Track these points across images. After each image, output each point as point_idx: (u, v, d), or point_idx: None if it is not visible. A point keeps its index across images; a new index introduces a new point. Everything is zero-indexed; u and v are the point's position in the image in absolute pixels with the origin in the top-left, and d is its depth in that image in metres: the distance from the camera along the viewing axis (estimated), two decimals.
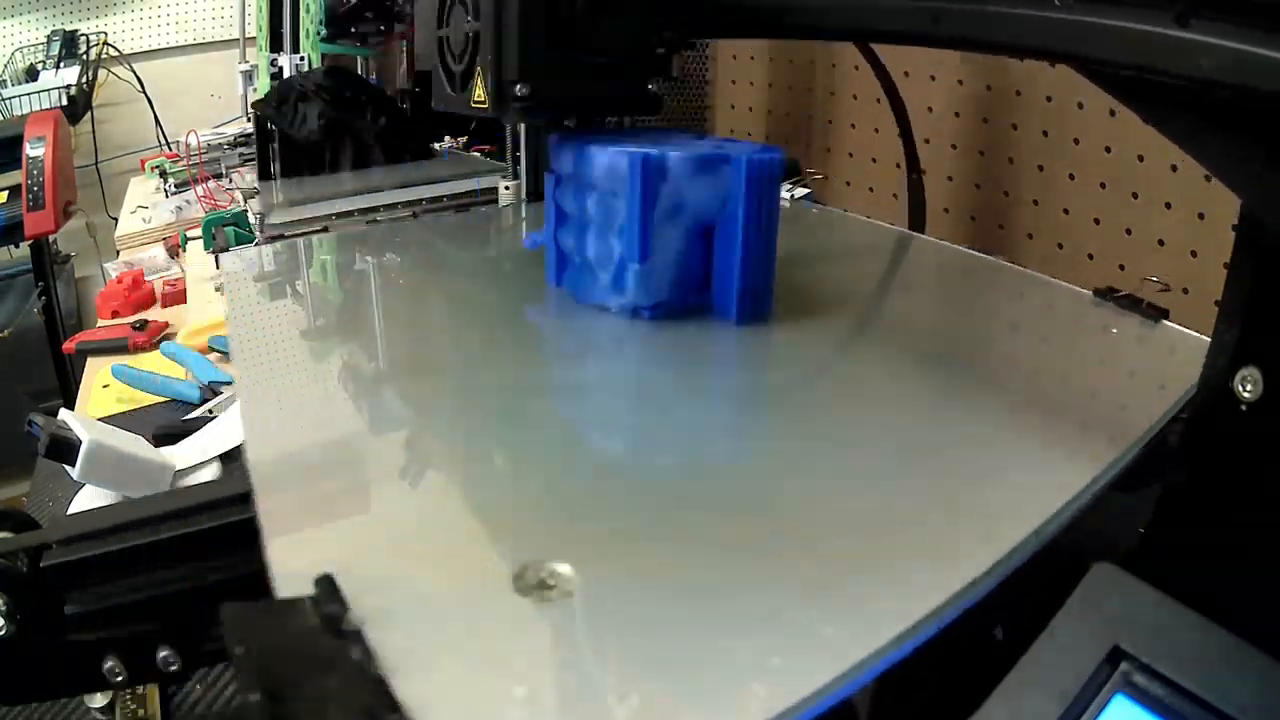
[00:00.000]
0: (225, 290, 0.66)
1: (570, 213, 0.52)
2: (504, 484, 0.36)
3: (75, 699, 0.52)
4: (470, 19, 0.53)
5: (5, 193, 1.44)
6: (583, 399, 0.44)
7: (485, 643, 0.25)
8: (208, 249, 1.24)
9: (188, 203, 1.50)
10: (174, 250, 1.40)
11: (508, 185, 0.87)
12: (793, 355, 0.49)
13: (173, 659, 0.39)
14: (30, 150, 1.40)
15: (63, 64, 1.87)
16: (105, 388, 0.92)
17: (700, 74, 1.45)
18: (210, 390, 0.85)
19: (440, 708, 0.22)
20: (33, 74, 1.88)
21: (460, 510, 0.33)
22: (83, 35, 1.93)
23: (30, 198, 1.38)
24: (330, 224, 0.86)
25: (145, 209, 1.58)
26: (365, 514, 0.33)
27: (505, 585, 0.26)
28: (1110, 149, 0.87)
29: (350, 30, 1.30)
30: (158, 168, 1.70)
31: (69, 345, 1.09)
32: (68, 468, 0.59)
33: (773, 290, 0.51)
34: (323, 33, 1.31)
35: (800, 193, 0.87)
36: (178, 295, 1.19)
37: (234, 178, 1.38)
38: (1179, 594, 0.25)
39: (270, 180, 1.09)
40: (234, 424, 0.71)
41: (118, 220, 1.68)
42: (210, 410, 0.80)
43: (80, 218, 1.71)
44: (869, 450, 0.38)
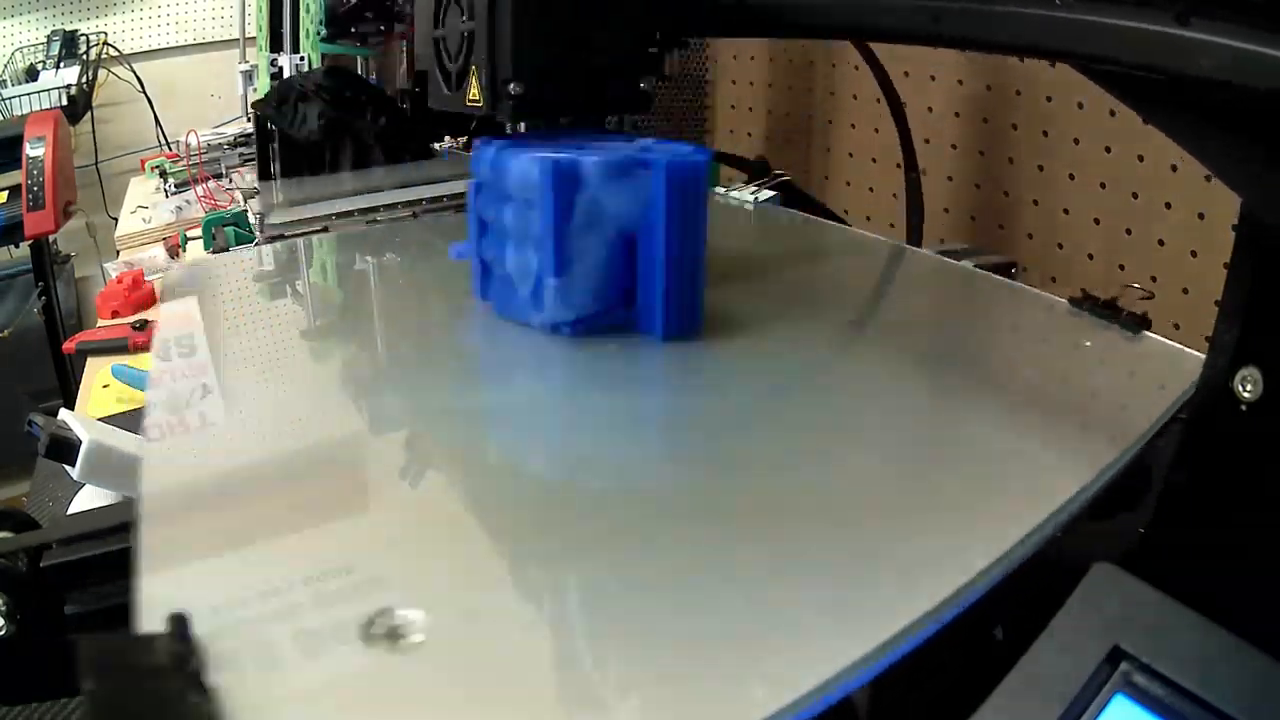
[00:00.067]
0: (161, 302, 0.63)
1: (490, 222, 0.50)
2: (363, 524, 0.33)
3: (75, 699, 0.51)
4: (465, 18, 0.53)
5: (5, 193, 1.44)
6: (470, 427, 0.41)
7: (332, 692, 0.24)
8: (208, 249, 1.24)
9: (188, 203, 1.50)
10: (174, 250, 1.40)
11: None
12: (720, 376, 0.45)
13: None
14: (30, 150, 1.40)
15: (63, 64, 1.87)
16: (105, 388, 0.92)
17: (700, 74, 1.45)
18: None
19: None
20: (33, 74, 1.88)
21: (325, 550, 0.31)
22: (83, 35, 1.93)
23: (30, 198, 1.38)
24: (330, 224, 0.86)
25: (145, 209, 1.58)
26: (239, 551, 0.31)
27: (354, 634, 0.25)
28: (1110, 149, 0.87)
29: (350, 30, 1.30)
30: (158, 168, 1.70)
31: (69, 345, 1.09)
32: (68, 468, 0.59)
33: (702, 304, 0.47)
34: (323, 33, 1.30)
35: (765, 195, 0.81)
36: None
37: (234, 178, 1.38)
38: (1179, 594, 0.25)
39: (270, 180, 1.09)
40: None
41: (118, 220, 1.67)
42: None
43: (80, 218, 1.71)
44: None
